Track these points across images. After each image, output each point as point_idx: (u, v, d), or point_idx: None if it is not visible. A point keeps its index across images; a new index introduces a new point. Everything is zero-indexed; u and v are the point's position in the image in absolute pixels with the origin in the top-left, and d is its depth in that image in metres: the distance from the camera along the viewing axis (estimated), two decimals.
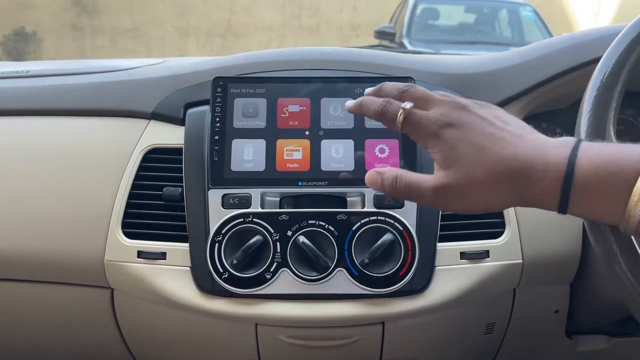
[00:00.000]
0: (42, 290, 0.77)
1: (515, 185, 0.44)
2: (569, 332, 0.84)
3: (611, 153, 0.42)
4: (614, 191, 0.41)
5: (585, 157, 0.42)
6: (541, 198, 0.44)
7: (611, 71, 0.55)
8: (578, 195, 0.42)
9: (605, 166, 0.41)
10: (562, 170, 0.42)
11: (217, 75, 0.73)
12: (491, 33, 5.17)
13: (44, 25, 7.85)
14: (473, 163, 0.45)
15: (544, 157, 0.43)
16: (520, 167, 0.44)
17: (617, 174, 0.41)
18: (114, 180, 0.74)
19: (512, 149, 0.44)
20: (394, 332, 0.72)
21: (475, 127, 0.46)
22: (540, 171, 0.43)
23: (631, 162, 0.41)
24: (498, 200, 0.46)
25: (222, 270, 0.66)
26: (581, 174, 0.42)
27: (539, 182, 0.43)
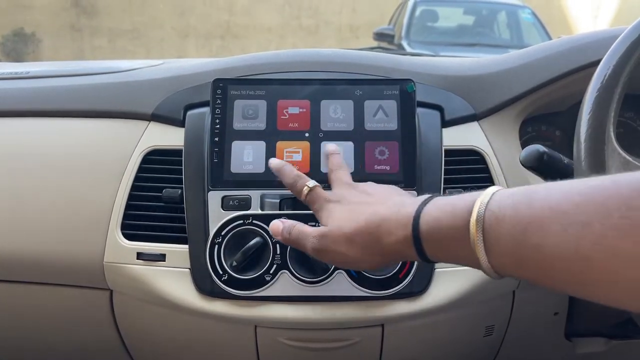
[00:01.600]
0: (41, 291, 0.77)
1: (376, 238, 0.50)
2: (568, 335, 0.84)
3: (453, 198, 0.46)
4: (454, 231, 0.43)
5: (432, 205, 0.47)
6: (400, 249, 0.49)
7: (611, 73, 0.55)
8: (428, 240, 0.46)
9: (444, 207, 0.45)
10: (410, 222, 0.47)
11: (217, 77, 0.73)
12: (490, 35, 5.17)
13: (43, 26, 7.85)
14: (342, 219, 0.53)
15: (397, 210, 0.49)
16: (379, 222, 0.50)
17: (453, 213, 0.44)
18: (114, 181, 0.74)
19: (375, 208, 0.52)
20: (394, 334, 0.72)
21: (353, 199, 0.56)
22: (394, 222, 0.49)
23: (464, 203, 0.43)
24: (364, 256, 0.52)
25: (221, 272, 0.66)
26: (425, 219, 0.46)
27: (394, 233, 0.48)
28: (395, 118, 0.72)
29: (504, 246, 0.40)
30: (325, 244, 0.54)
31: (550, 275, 0.38)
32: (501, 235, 0.40)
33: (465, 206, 0.43)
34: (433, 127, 0.75)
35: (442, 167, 0.72)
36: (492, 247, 0.41)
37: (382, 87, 0.73)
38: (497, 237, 0.40)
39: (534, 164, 0.60)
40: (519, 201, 0.40)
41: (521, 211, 0.39)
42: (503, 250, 0.40)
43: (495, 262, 0.41)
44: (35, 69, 0.93)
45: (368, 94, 0.73)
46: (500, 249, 0.40)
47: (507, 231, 0.39)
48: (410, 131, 0.71)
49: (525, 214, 0.38)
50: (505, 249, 0.40)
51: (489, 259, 0.41)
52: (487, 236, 0.41)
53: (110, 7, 8.03)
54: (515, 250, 0.39)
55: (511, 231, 0.39)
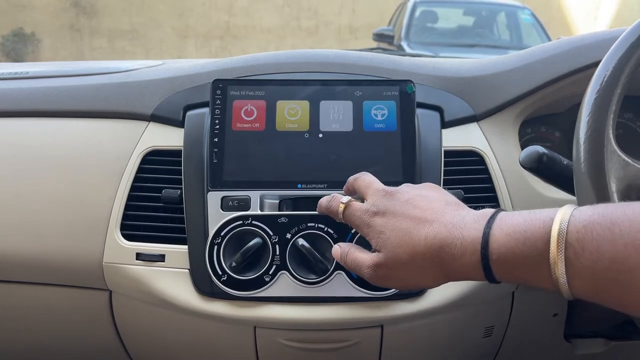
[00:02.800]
0: (40, 292, 0.77)
1: (438, 262, 0.47)
2: (567, 335, 0.84)
3: (520, 221, 0.43)
4: (529, 259, 0.42)
5: (498, 229, 0.44)
6: (466, 273, 0.46)
7: (611, 75, 0.55)
8: (499, 266, 0.44)
9: (515, 235, 0.43)
10: (477, 245, 0.45)
11: (217, 78, 0.73)
12: (489, 36, 5.17)
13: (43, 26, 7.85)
14: (397, 245, 0.49)
15: (460, 235, 0.46)
16: (440, 246, 0.47)
17: (525, 242, 0.42)
18: (113, 182, 0.74)
19: (432, 229, 0.48)
20: (393, 335, 0.72)
21: (399, 213, 0.51)
22: (458, 247, 0.46)
23: (536, 229, 0.42)
24: (426, 279, 0.50)
25: (221, 272, 0.66)
26: (495, 246, 0.44)
27: (460, 259, 0.46)
28: (395, 119, 0.72)
29: (586, 278, 0.39)
30: (383, 273, 0.51)
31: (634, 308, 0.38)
32: (582, 269, 0.39)
33: (540, 235, 0.41)
34: (432, 128, 0.75)
35: (441, 167, 0.72)
36: (572, 279, 0.40)
37: (381, 88, 0.73)
38: (578, 270, 0.39)
39: (533, 165, 0.60)
40: (600, 234, 0.38)
41: (603, 247, 0.38)
42: (584, 282, 0.40)
43: (575, 290, 0.41)
44: (34, 70, 0.93)
45: (367, 95, 0.73)
46: (582, 280, 0.40)
47: (588, 265, 0.39)
48: (409, 132, 0.71)
49: (607, 250, 0.37)
50: (587, 281, 0.39)
51: (570, 286, 0.41)
52: (568, 268, 0.40)
53: (109, 8, 8.03)
54: (597, 284, 0.39)
55: (593, 266, 0.38)
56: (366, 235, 0.53)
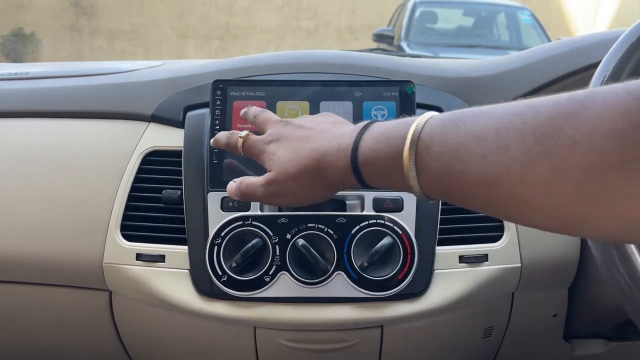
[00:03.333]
0: (40, 292, 0.77)
1: (320, 172, 0.51)
2: (567, 336, 0.84)
3: (388, 126, 0.47)
4: (389, 159, 0.45)
5: (368, 135, 0.48)
6: (343, 179, 0.50)
7: (611, 75, 0.55)
8: (365, 168, 0.47)
9: (379, 137, 0.46)
10: (349, 153, 0.48)
11: (217, 78, 0.73)
12: (489, 36, 5.18)
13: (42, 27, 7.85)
14: (286, 161, 0.53)
15: (337, 142, 0.50)
16: (321, 156, 0.51)
17: (387, 142, 0.45)
18: (113, 182, 0.74)
19: (315, 142, 0.52)
20: (393, 336, 0.72)
21: (290, 135, 0.55)
22: (335, 155, 0.50)
23: (398, 130, 0.44)
24: (313, 190, 0.54)
25: (221, 273, 0.66)
26: (363, 149, 0.47)
27: (336, 165, 0.49)
28: None
29: (433, 172, 0.41)
30: (274, 189, 0.54)
31: (475, 201, 0.40)
32: (430, 161, 0.41)
33: (399, 135, 0.44)
34: None
35: None
36: (422, 173, 0.42)
37: (381, 89, 0.73)
38: (426, 164, 0.42)
39: None
40: (447, 128, 0.41)
41: (448, 138, 0.40)
42: (432, 177, 0.42)
43: (426, 187, 0.43)
44: (34, 70, 0.93)
45: (367, 95, 0.73)
46: (430, 174, 0.42)
47: (435, 158, 0.41)
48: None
49: (452, 141, 0.40)
50: (434, 174, 0.41)
51: (420, 185, 0.43)
52: (418, 163, 0.42)
53: (109, 8, 8.03)
54: (443, 176, 0.41)
55: (439, 158, 0.41)
56: (263, 162, 0.57)
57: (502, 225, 0.72)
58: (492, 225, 0.72)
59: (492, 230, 0.72)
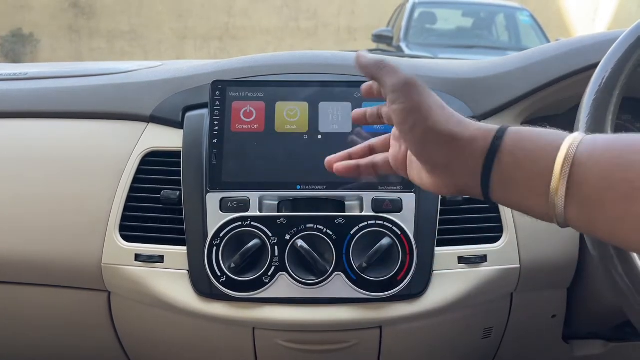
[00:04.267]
0: (38, 293, 0.77)
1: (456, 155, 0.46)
2: (566, 337, 0.84)
3: (535, 134, 0.44)
4: (534, 174, 0.41)
5: (512, 134, 0.44)
6: (467, 168, 0.45)
7: (609, 76, 0.55)
8: (501, 175, 0.43)
9: (526, 143, 0.43)
10: (488, 142, 0.44)
11: (216, 79, 0.73)
12: (488, 37, 5.18)
13: (41, 27, 7.84)
14: (430, 118, 0.48)
15: (469, 131, 0.46)
16: (460, 134, 0.46)
17: (537, 153, 0.42)
18: (112, 183, 0.74)
19: (460, 126, 0.47)
20: (392, 337, 0.72)
21: (436, 100, 0.51)
22: (467, 139, 0.45)
23: (550, 146, 0.41)
24: (438, 160, 0.47)
25: (220, 273, 0.66)
26: (507, 146, 0.43)
27: (466, 149, 0.45)
28: None
29: (583, 202, 0.39)
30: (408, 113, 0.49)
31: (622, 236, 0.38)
32: (581, 192, 0.39)
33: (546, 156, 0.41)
34: None
35: None
36: (569, 203, 0.40)
37: None
38: (576, 193, 0.39)
39: None
40: (604, 161, 0.38)
41: (604, 173, 0.38)
42: (580, 205, 0.39)
43: (569, 215, 0.40)
44: (33, 71, 0.93)
45: None
46: (578, 204, 0.39)
47: (587, 191, 0.38)
48: None
49: (606, 177, 0.37)
50: (582, 204, 0.39)
51: (565, 208, 0.40)
52: (570, 177, 0.39)
53: (108, 9, 8.03)
54: (591, 207, 0.39)
55: (591, 191, 0.38)
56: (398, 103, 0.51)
57: (501, 226, 0.72)
58: (491, 226, 0.72)
59: (491, 231, 0.72)
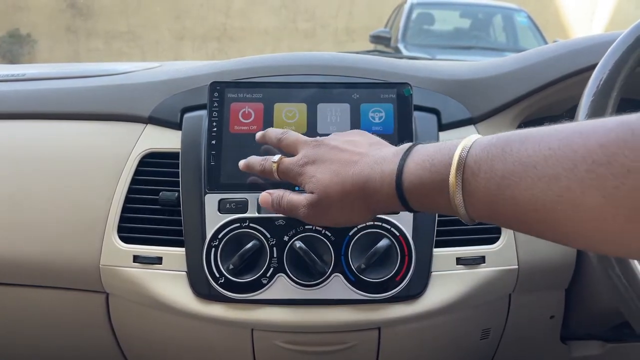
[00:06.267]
0: (36, 294, 0.77)
1: (364, 197, 0.51)
2: (563, 338, 0.84)
3: (430, 151, 0.47)
4: (435, 184, 0.45)
5: (411, 160, 0.48)
6: (387, 204, 0.50)
7: (607, 78, 0.55)
8: (411, 194, 0.48)
9: (423, 164, 0.47)
10: (394, 176, 0.48)
11: (214, 80, 0.73)
12: (486, 38, 5.19)
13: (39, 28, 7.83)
14: (328, 185, 0.53)
15: (380, 169, 0.50)
16: (364, 182, 0.51)
17: (431, 169, 0.46)
18: (110, 184, 0.74)
19: (357, 167, 0.52)
20: (390, 338, 0.72)
21: (327, 157, 0.55)
22: (378, 181, 0.50)
23: (442, 155, 0.45)
24: (355, 215, 0.54)
25: (218, 275, 0.66)
26: (407, 175, 0.48)
27: (380, 191, 0.50)
28: (392, 121, 0.72)
29: (480, 198, 0.42)
30: (316, 211, 0.55)
31: (524, 225, 0.40)
32: (478, 188, 0.41)
33: (444, 161, 0.44)
34: (430, 131, 0.75)
35: None
36: (469, 199, 0.43)
37: (379, 91, 0.73)
38: (474, 190, 0.42)
39: None
40: (494, 154, 0.41)
41: (495, 165, 0.40)
42: (480, 202, 0.42)
43: (472, 212, 0.43)
44: (31, 71, 0.92)
45: (365, 98, 0.73)
46: (477, 200, 0.42)
47: (482, 184, 0.41)
48: (407, 135, 0.71)
49: (499, 168, 0.40)
50: (482, 200, 0.42)
51: (466, 209, 0.43)
52: (464, 189, 0.42)
53: (105, 9, 8.02)
54: (490, 202, 0.41)
55: (486, 185, 0.41)
56: (300, 184, 0.57)
57: (499, 227, 0.72)
58: (489, 228, 0.72)
59: (489, 232, 0.72)
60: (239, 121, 0.72)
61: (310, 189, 0.55)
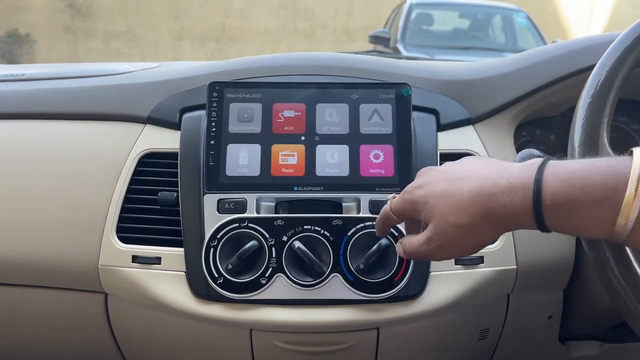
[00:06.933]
0: (35, 294, 0.77)
1: (487, 214, 0.46)
2: (562, 338, 0.84)
3: (576, 167, 0.43)
4: (587, 205, 0.42)
5: (551, 175, 0.44)
6: (517, 221, 0.46)
7: (605, 78, 0.56)
8: (552, 212, 0.44)
9: (572, 181, 0.42)
10: (529, 189, 0.44)
11: (213, 80, 0.73)
12: (485, 39, 5.18)
13: (38, 28, 7.82)
14: (442, 209, 0.48)
15: (508, 182, 0.45)
16: (487, 196, 0.46)
17: (584, 189, 0.42)
18: (109, 184, 0.74)
19: (473, 183, 0.47)
20: (389, 338, 0.72)
21: (437, 179, 0.50)
22: (506, 195, 0.45)
23: (598, 176, 0.41)
24: (481, 237, 0.49)
25: (217, 275, 0.66)
26: (549, 192, 0.43)
27: (509, 205, 0.45)
28: (391, 122, 0.72)
29: None
30: (437, 243, 0.50)
31: None
32: None
33: (601, 181, 0.41)
34: (428, 131, 0.75)
35: None
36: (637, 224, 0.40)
37: (377, 91, 0.73)
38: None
39: None
40: None
41: None
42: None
43: (634, 235, 0.41)
44: (30, 72, 0.92)
45: (364, 98, 0.73)
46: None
47: None
48: (405, 135, 0.71)
49: None
50: None
51: (634, 229, 0.41)
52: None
53: (105, 9, 8.01)
54: None
55: None
56: (417, 214, 0.52)
57: None
58: None
59: None
60: (237, 121, 0.72)
61: (426, 218, 0.50)
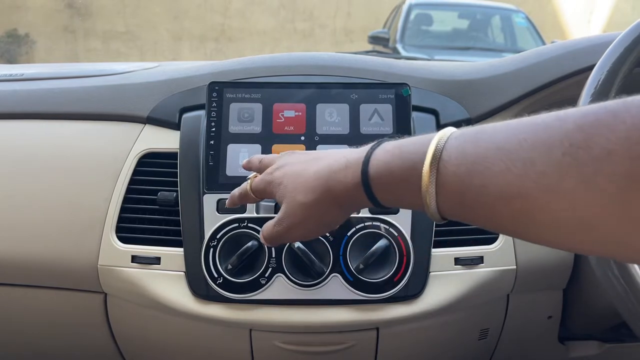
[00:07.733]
0: (34, 294, 0.76)
1: (329, 191, 0.48)
2: (561, 338, 0.84)
3: (402, 141, 0.44)
4: (404, 174, 0.42)
5: (380, 149, 0.45)
6: (352, 197, 0.47)
7: (605, 78, 0.56)
8: (377, 183, 0.45)
9: (393, 151, 0.44)
10: (359, 163, 0.46)
11: (213, 80, 0.73)
12: (484, 39, 5.19)
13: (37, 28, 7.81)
14: (293, 189, 0.50)
15: (345, 160, 0.47)
16: (328, 174, 0.48)
17: (401, 156, 0.43)
18: (109, 184, 0.73)
19: (321, 162, 0.49)
20: (389, 338, 0.72)
21: (295, 160, 0.53)
22: (343, 170, 0.47)
23: (414, 145, 0.42)
24: (325, 216, 0.50)
25: (216, 275, 0.66)
26: (374, 162, 0.45)
27: (344, 181, 0.47)
28: (391, 122, 0.72)
29: (450, 188, 0.39)
30: (287, 224, 0.51)
31: (494, 217, 0.37)
32: (448, 177, 0.39)
33: (418, 150, 0.41)
34: (428, 131, 0.74)
35: None
36: (439, 190, 0.40)
37: (377, 91, 0.73)
38: (444, 180, 0.39)
39: None
40: (465, 141, 0.39)
41: (467, 151, 0.38)
42: (449, 194, 0.39)
43: (442, 205, 0.40)
44: (29, 71, 0.92)
45: (364, 98, 0.73)
46: (446, 192, 0.39)
47: (452, 172, 0.38)
48: (405, 135, 0.71)
49: (470, 154, 0.37)
50: (451, 191, 0.39)
51: (437, 203, 0.40)
52: (437, 181, 0.39)
53: (104, 9, 8.01)
54: (460, 193, 0.38)
55: (457, 172, 0.38)
56: (274, 195, 0.53)
57: None
58: None
59: (488, 232, 0.72)
60: (237, 121, 0.72)
61: (280, 198, 0.52)
